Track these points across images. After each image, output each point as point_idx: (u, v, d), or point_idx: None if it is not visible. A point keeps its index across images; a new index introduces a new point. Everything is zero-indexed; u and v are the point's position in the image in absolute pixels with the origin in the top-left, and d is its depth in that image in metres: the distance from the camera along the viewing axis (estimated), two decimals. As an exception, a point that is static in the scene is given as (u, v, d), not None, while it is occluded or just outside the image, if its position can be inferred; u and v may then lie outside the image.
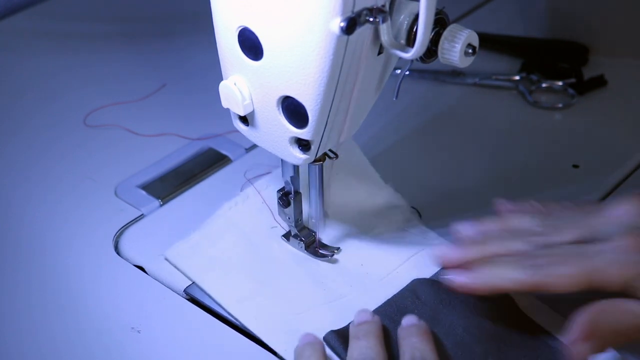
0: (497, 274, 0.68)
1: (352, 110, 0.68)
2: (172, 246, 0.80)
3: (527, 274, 0.67)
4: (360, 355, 0.67)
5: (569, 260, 0.67)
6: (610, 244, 0.67)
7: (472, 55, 0.66)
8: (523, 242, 0.70)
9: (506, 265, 0.68)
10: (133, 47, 1.11)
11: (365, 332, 0.69)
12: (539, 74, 1.02)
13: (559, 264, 0.67)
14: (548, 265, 0.67)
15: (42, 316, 0.76)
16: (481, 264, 0.69)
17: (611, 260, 0.66)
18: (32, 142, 0.95)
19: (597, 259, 0.66)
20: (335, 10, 0.60)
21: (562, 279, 0.66)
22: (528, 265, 0.68)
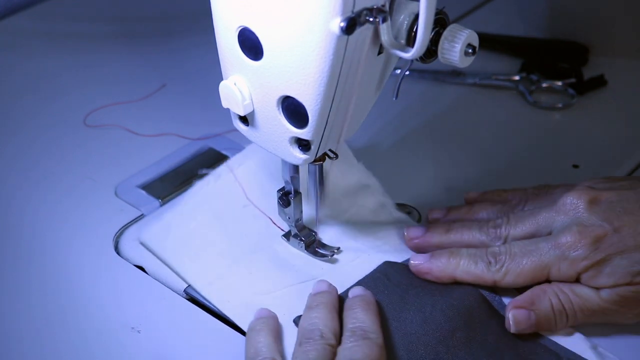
0: (457, 266, 0.74)
1: (352, 110, 0.68)
2: (146, 229, 0.81)
3: (486, 270, 0.73)
4: (309, 325, 0.69)
5: (524, 258, 0.72)
6: (559, 240, 0.71)
7: (472, 55, 0.66)
8: (482, 234, 0.76)
9: (467, 259, 0.74)
10: (133, 47, 1.11)
11: (318, 302, 0.71)
12: (539, 74, 1.02)
13: (515, 261, 0.72)
14: (505, 263, 0.72)
15: (42, 316, 0.76)
16: (444, 253, 0.74)
17: (560, 257, 0.71)
18: (32, 142, 0.95)
19: (549, 256, 0.71)
20: (335, 10, 0.60)
21: (518, 277, 0.72)
22: (487, 260, 0.73)
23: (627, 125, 0.96)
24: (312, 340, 0.67)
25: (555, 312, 0.71)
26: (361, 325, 0.68)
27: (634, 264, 0.70)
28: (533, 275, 0.72)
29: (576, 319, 0.71)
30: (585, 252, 0.70)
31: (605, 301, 0.71)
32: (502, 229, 0.75)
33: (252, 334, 0.70)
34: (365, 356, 0.66)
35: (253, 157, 0.84)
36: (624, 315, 0.71)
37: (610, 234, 0.71)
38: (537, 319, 0.71)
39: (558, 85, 1.01)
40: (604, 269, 0.70)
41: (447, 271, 0.74)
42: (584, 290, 0.71)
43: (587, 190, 0.73)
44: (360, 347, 0.66)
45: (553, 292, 0.71)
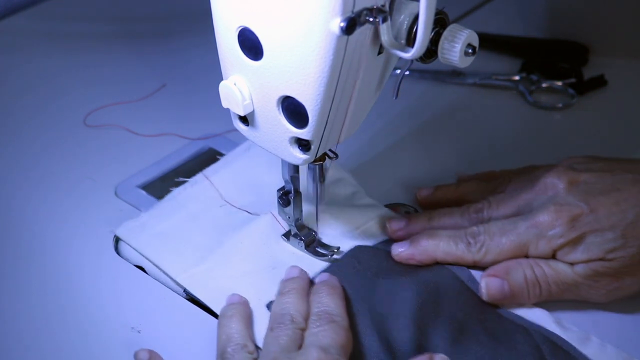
0: (437, 247, 0.75)
1: (352, 110, 0.68)
2: (122, 225, 0.82)
3: (465, 250, 0.75)
4: (280, 310, 0.70)
5: (503, 237, 0.74)
6: (537, 218, 0.73)
7: (472, 55, 0.66)
8: (464, 219, 0.78)
9: (447, 240, 0.75)
10: (133, 47, 1.11)
11: (289, 288, 0.72)
12: (539, 74, 1.02)
13: (494, 241, 0.74)
14: (484, 242, 0.74)
15: (43, 316, 0.76)
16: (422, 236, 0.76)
17: (537, 235, 0.73)
18: (32, 142, 0.95)
19: (526, 234, 0.73)
20: (335, 11, 0.60)
21: (497, 255, 0.74)
22: (466, 241, 0.75)
23: (627, 125, 0.96)
24: (283, 325, 0.69)
25: (529, 284, 0.73)
26: (326, 309, 0.70)
27: (608, 241, 0.72)
28: (512, 254, 0.74)
29: (550, 292, 0.73)
30: (561, 231, 0.72)
31: (578, 275, 0.72)
32: (484, 213, 0.77)
33: (223, 320, 0.71)
34: (332, 340, 0.67)
35: (228, 167, 0.87)
36: (596, 291, 0.73)
37: (586, 214, 0.73)
38: (511, 289, 0.72)
39: (558, 85, 1.01)
40: (579, 246, 0.72)
41: (428, 253, 0.75)
42: (558, 264, 0.73)
43: (567, 172, 0.76)
44: (326, 331, 0.68)
45: (528, 264, 0.73)
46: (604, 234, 0.72)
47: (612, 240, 0.72)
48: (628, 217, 0.72)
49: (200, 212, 0.83)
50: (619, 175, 0.75)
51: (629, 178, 0.75)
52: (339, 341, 0.67)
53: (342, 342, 0.67)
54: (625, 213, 0.72)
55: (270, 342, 0.68)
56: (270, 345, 0.68)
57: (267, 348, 0.68)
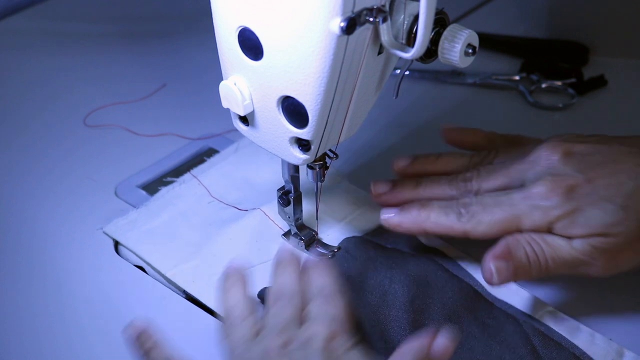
0: (428, 217, 0.74)
1: (352, 110, 0.68)
2: (110, 222, 0.82)
3: (456, 220, 0.73)
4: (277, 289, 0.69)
5: (496, 208, 0.72)
6: (532, 190, 0.71)
7: (472, 55, 0.66)
8: (452, 188, 0.76)
9: (438, 210, 0.74)
10: (133, 47, 1.11)
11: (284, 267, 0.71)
12: (539, 74, 1.02)
13: (487, 212, 0.72)
14: (476, 213, 0.72)
15: (43, 316, 0.76)
16: (414, 205, 0.74)
17: (532, 206, 0.71)
18: (32, 142, 0.95)
19: (521, 206, 0.71)
20: (335, 10, 0.60)
21: (489, 227, 0.72)
22: (458, 211, 0.73)
23: (627, 125, 0.96)
24: (282, 301, 0.68)
25: (531, 262, 0.70)
26: (323, 285, 0.69)
27: (607, 214, 0.70)
28: (505, 226, 0.72)
29: (548, 268, 0.71)
30: (557, 202, 0.70)
31: (577, 251, 0.70)
32: (473, 183, 0.75)
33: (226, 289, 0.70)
34: (334, 315, 0.67)
35: (216, 166, 0.88)
36: (594, 267, 0.71)
37: (584, 184, 0.70)
38: (515, 269, 0.70)
39: (558, 85, 1.01)
40: (578, 218, 0.70)
41: (418, 223, 0.74)
42: (555, 239, 0.71)
43: (561, 143, 0.73)
44: (328, 306, 0.67)
45: (525, 241, 0.71)
46: (604, 206, 0.69)
47: (612, 212, 0.69)
48: (626, 189, 0.70)
49: (189, 209, 0.84)
50: (614, 146, 0.73)
51: (625, 150, 0.73)
52: (340, 315, 0.67)
53: (344, 316, 0.67)
54: (623, 185, 0.70)
55: (274, 315, 0.67)
56: (274, 318, 0.67)
57: (271, 322, 0.67)
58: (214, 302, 0.74)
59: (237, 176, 0.87)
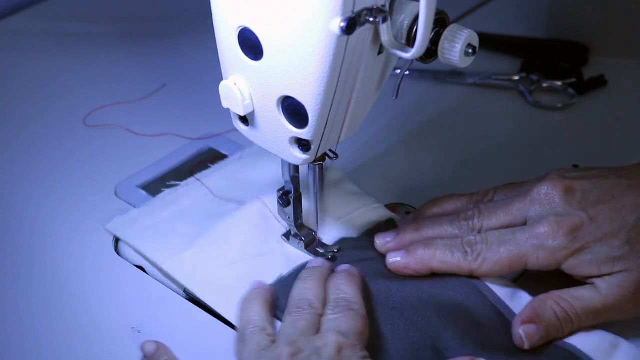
0: (434, 256, 0.74)
1: (352, 110, 0.68)
2: (112, 220, 0.83)
3: (462, 259, 0.73)
4: (298, 296, 0.71)
5: (501, 247, 0.72)
6: (536, 230, 0.72)
7: (472, 55, 0.66)
8: (454, 227, 0.76)
9: (443, 249, 0.74)
10: (133, 47, 1.11)
11: (309, 274, 0.73)
12: (539, 74, 1.03)
13: (492, 251, 0.72)
14: (482, 252, 0.73)
15: (43, 316, 0.76)
16: (418, 245, 0.74)
17: (538, 246, 0.71)
18: (32, 142, 0.95)
19: (526, 246, 0.72)
20: (335, 11, 0.60)
21: (495, 266, 0.72)
22: (463, 250, 0.73)
23: (627, 125, 0.96)
24: (302, 309, 0.69)
25: (561, 320, 0.70)
26: (344, 296, 0.70)
27: (614, 249, 0.70)
28: (510, 265, 0.72)
29: (581, 322, 0.71)
30: (563, 242, 0.71)
31: (605, 297, 0.70)
32: (475, 221, 0.75)
33: (245, 304, 0.72)
34: (350, 327, 0.67)
35: (220, 170, 0.88)
36: (627, 307, 0.71)
37: (587, 224, 0.71)
38: (545, 330, 0.70)
39: (558, 85, 1.01)
40: (585, 256, 0.71)
41: (424, 262, 0.74)
42: (583, 292, 0.71)
43: (562, 180, 0.74)
44: (345, 317, 0.68)
45: (553, 301, 0.71)
46: (610, 242, 0.71)
47: (618, 247, 0.70)
48: (629, 223, 0.71)
49: (190, 207, 0.84)
50: (614, 180, 0.74)
51: (624, 184, 0.73)
52: (357, 327, 0.67)
53: (360, 329, 0.68)
54: (625, 219, 0.71)
55: (288, 325, 0.68)
56: (288, 328, 0.68)
57: (285, 332, 0.68)
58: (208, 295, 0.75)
59: (239, 178, 0.88)
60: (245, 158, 0.90)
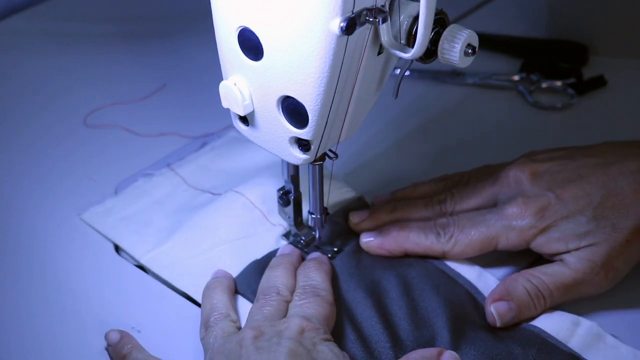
0: (407, 238, 0.76)
1: (352, 110, 0.68)
2: (87, 210, 0.84)
3: (435, 241, 0.76)
4: (267, 283, 0.73)
5: (472, 229, 0.75)
6: (505, 211, 0.74)
7: (471, 56, 0.66)
8: (428, 210, 0.78)
9: (417, 231, 0.76)
10: (133, 47, 1.11)
11: (279, 262, 0.75)
12: (539, 74, 1.03)
13: (463, 232, 0.75)
14: (454, 234, 0.75)
15: (43, 316, 0.76)
16: (393, 227, 0.77)
17: (507, 226, 0.74)
18: (33, 142, 0.95)
19: (496, 226, 0.74)
20: (335, 11, 0.60)
21: (467, 247, 0.75)
22: (436, 232, 0.76)
23: (627, 125, 0.96)
24: (269, 296, 0.71)
25: (532, 297, 0.72)
26: (312, 282, 0.72)
27: (580, 226, 0.73)
28: (481, 246, 0.75)
29: (553, 298, 0.73)
30: (531, 221, 0.73)
31: (575, 271, 0.72)
32: (447, 204, 0.78)
33: (207, 292, 0.74)
34: (316, 312, 0.69)
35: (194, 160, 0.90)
36: (596, 281, 0.73)
37: (554, 202, 0.74)
38: (517, 308, 0.72)
39: (558, 85, 1.01)
40: (552, 234, 0.73)
41: (398, 243, 0.76)
42: (553, 267, 0.73)
43: (529, 163, 0.77)
44: (310, 303, 0.70)
45: (524, 278, 0.73)
46: (575, 219, 0.73)
47: (584, 224, 0.73)
48: (595, 200, 0.73)
49: (164, 197, 0.86)
50: (580, 160, 0.76)
51: (591, 162, 0.76)
52: (322, 312, 0.69)
53: (326, 314, 0.70)
54: (591, 197, 0.73)
55: (255, 312, 0.70)
56: (255, 314, 0.70)
57: (251, 317, 0.70)
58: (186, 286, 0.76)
59: (213, 167, 0.89)
60: (218, 148, 0.91)
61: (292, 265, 0.75)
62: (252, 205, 0.82)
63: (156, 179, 0.88)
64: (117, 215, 0.84)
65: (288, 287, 0.73)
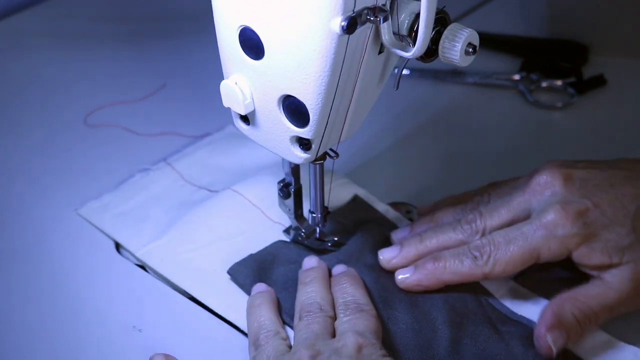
0: (444, 268, 0.72)
1: (352, 109, 0.68)
2: (84, 205, 0.85)
3: (473, 265, 0.71)
4: (306, 299, 0.71)
5: (510, 245, 0.70)
6: (542, 219, 0.70)
7: (472, 55, 0.66)
8: (457, 232, 0.74)
9: (452, 259, 0.72)
10: (133, 47, 1.11)
11: (311, 277, 0.73)
12: (539, 73, 1.03)
13: (502, 250, 0.70)
14: (492, 254, 0.70)
15: (43, 316, 0.76)
16: (427, 260, 0.73)
17: (547, 236, 0.69)
18: (33, 142, 0.95)
19: (536, 238, 0.70)
20: (336, 10, 0.60)
21: (508, 265, 0.70)
22: (472, 255, 0.71)
23: (626, 124, 0.97)
24: (312, 313, 0.69)
25: (580, 322, 0.69)
26: (353, 299, 0.70)
27: (622, 238, 0.69)
28: (523, 261, 0.71)
29: (598, 320, 0.70)
30: (573, 229, 0.69)
31: (618, 291, 0.69)
32: (478, 223, 0.73)
33: (252, 309, 0.72)
34: (366, 327, 0.67)
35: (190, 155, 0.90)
36: (636, 303, 0.70)
37: (592, 210, 0.70)
38: (567, 334, 0.69)
39: (558, 84, 1.01)
40: (596, 244, 0.69)
41: (436, 276, 0.72)
42: (596, 289, 0.70)
43: (560, 168, 0.72)
44: (358, 319, 0.68)
45: (571, 304, 0.69)
46: (616, 230, 0.69)
47: (625, 235, 0.69)
48: (631, 212, 0.70)
49: (161, 193, 0.86)
50: (608, 171, 0.73)
51: (620, 174, 0.72)
52: (372, 327, 0.67)
53: (375, 328, 0.68)
54: (627, 208, 0.70)
55: (303, 330, 0.68)
56: (303, 332, 0.68)
57: (300, 336, 0.68)
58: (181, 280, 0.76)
59: (210, 163, 0.89)
60: (215, 143, 0.92)
61: (325, 279, 0.73)
62: (250, 203, 0.82)
63: (153, 174, 0.88)
64: (114, 210, 0.84)
65: (329, 302, 0.70)
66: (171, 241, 0.80)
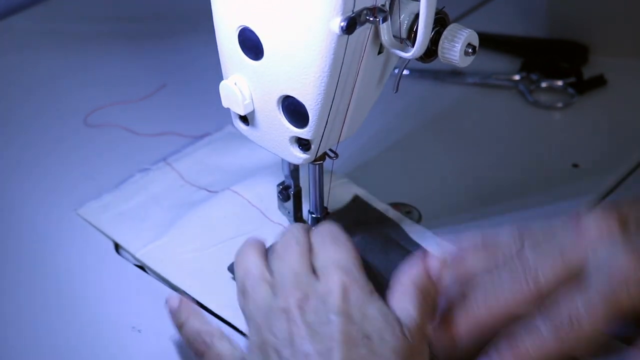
0: (527, 351, 0.63)
1: (352, 109, 0.68)
2: (83, 205, 0.84)
3: (556, 340, 0.63)
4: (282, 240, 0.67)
5: (591, 308, 0.62)
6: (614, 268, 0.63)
7: (472, 55, 0.66)
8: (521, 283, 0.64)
9: (529, 335, 0.63)
10: (133, 47, 1.11)
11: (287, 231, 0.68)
12: (539, 74, 1.03)
13: (582, 314, 0.62)
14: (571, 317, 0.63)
15: (43, 316, 0.76)
16: (499, 343, 0.64)
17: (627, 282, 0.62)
18: (33, 142, 0.95)
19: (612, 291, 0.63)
20: (335, 10, 0.60)
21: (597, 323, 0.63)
22: (550, 326, 0.63)
23: (627, 124, 0.96)
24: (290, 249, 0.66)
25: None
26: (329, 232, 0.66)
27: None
28: (610, 317, 0.63)
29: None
30: None
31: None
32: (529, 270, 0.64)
33: (239, 257, 0.68)
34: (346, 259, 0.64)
35: (190, 155, 0.90)
36: None
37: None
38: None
39: (558, 84, 1.01)
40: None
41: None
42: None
43: (612, 210, 0.65)
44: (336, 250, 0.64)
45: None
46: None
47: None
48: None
49: (161, 193, 0.86)
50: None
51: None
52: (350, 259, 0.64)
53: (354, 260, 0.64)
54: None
55: (283, 268, 0.64)
56: (284, 270, 0.64)
57: (282, 274, 0.64)
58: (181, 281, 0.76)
59: (209, 163, 0.89)
60: (214, 143, 0.92)
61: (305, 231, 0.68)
62: (249, 204, 0.82)
63: (153, 174, 0.88)
64: (113, 211, 0.84)
65: (306, 242, 0.66)
66: (171, 242, 0.80)
